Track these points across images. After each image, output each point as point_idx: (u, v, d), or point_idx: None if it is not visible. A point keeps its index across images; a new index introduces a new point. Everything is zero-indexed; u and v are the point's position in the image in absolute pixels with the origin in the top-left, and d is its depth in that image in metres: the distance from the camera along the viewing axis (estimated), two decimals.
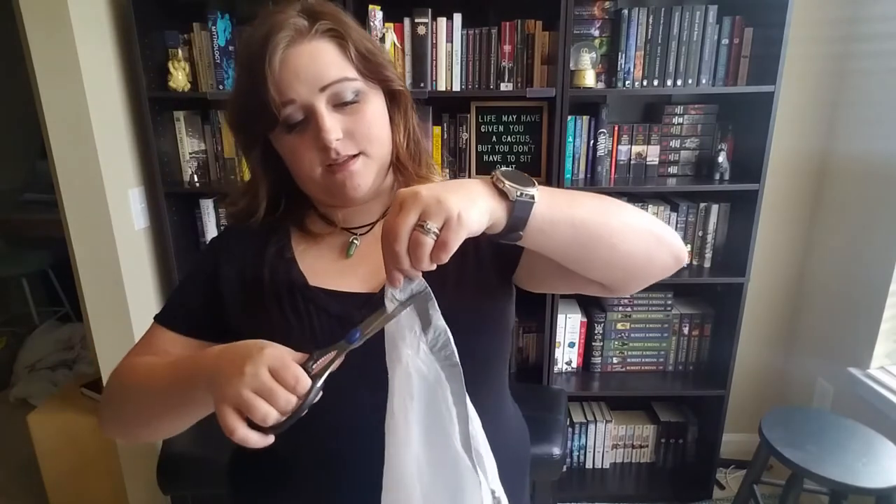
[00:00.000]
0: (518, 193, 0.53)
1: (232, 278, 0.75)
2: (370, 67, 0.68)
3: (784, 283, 2.11)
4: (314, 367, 0.52)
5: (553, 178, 1.74)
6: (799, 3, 1.63)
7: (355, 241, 0.75)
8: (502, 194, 0.53)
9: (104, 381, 1.75)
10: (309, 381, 0.50)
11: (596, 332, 1.99)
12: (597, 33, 1.75)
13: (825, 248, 2.00)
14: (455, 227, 0.49)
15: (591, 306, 2.04)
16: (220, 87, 1.72)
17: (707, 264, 1.91)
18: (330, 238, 0.77)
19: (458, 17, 1.67)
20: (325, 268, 0.74)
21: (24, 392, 2.72)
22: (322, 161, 0.67)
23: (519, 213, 0.53)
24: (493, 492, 0.56)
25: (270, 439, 0.51)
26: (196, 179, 1.79)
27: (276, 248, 0.75)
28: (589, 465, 2.17)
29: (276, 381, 0.50)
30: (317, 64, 0.64)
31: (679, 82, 1.73)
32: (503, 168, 0.55)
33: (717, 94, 1.82)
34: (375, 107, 0.70)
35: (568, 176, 1.83)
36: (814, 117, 1.93)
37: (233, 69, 1.72)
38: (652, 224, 0.63)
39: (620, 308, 1.99)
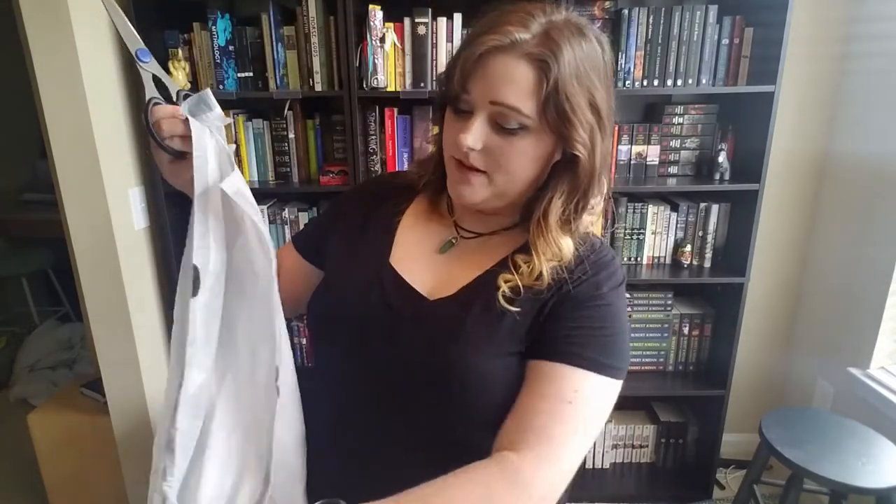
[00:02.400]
0: None
1: (351, 214, 0.83)
2: (557, 117, 0.64)
3: (784, 283, 2.11)
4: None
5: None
6: (799, 3, 1.63)
7: (453, 241, 0.77)
8: None
9: (105, 381, 1.75)
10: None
11: None
12: None
13: (825, 247, 2.00)
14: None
15: None
16: (221, 86, 1.72)
17: (707, 264, 1.91)
18: (440, 226, 0.80)
19: (458, 17, 1.67)
20: (413, 252, 0.77)
21: (24, 392, 2.72)
22: (456, 152, 0.69)
23: None
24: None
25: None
26: None
27: (394, 207, 0.81)
28: (589, 465, 2.17)
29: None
30: (504, 81, 0.63)
31: (679, 82, 1.73)
32: None
33: (717, 94, 1.83)
34: (531, 148, 0.66)
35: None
36: (814, 117, 1.93)
37: (233, 69, 1.72)
38: None
39: None
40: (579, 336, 0.67)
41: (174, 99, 0.67)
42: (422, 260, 0.77)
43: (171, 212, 1.77)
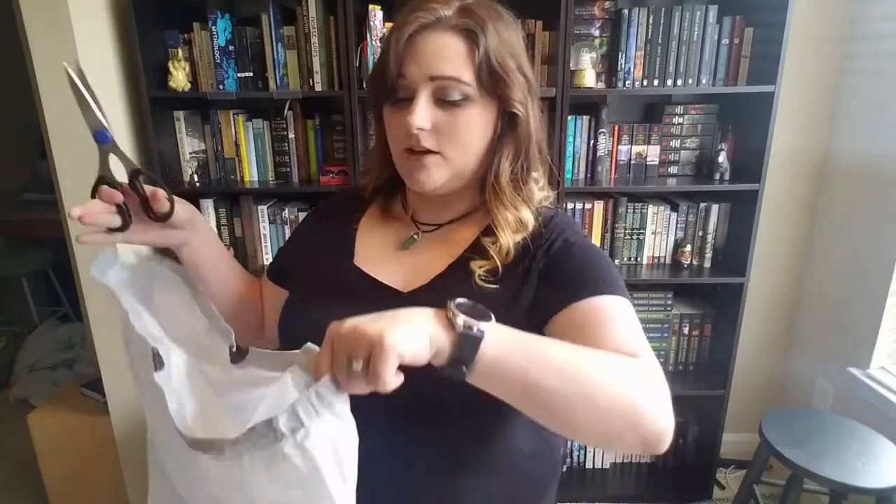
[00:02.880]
0: (465, 326, 0.49)
1: (309, 235, 0.86)
2: (493, 81, 0.67)
3: (784, 282, 2.11)
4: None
5: (553, 178, 1.73)
6: (799, 3, 1.63)
7: (415, 237, 0.78)
8: (451, 325, 0.50)
9: (105, 381, 1.75)
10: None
11: None
12: (597, 33, 1.75)
13: (825, 247, 2.00)
14: (380, 355, 0.46)
15: None
16: (221, 86, 1.72)
17: (707, 264, 1.91)
18: (398, 225, 0.80)
19: None
20: (376, 252, 0.78)
21: (24, 392, 2.72)
22: (405, 142, 0.69)
23: (464, 347, 0.49)
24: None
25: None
26: (196, 179, 1.79)
27: (348, 217, 0.82)
28: (589, 465, 2.17)
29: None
30: (437, 54, 0.65)
31: (679, 82, 1.73)
32: (461, 300, 0.52)
33: (717, 94, 1.82)
34: (476, 117, 0.68)
35: (568, 176, 1.83)
36: (814, 117, 1.93)
37: (233, 69, 1.72)
38: (631, 400, 0.52)
39: None
40: (577, 279, 0.67)
41: (128, 180, 0.67)
42: (387, 258, 0.77)
43: None
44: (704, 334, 2.01)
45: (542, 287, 0.69)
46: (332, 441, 0.47)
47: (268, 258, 1.90)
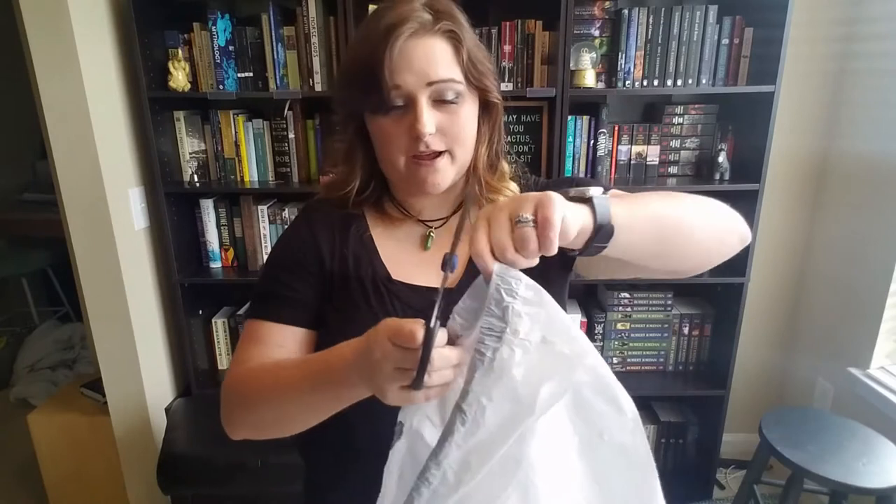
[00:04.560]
0: (590, 194, 0.54)
1: (322, 266, 0.76)
2: (475, 74, 0.71)
3: (784, 282, 2.11)
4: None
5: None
6: (799, 3, 1.63)
7: (432, 235, 0.79)
8: (576, 200, 0.53)
9: (105, 381, 1.76)
10: (421, 327, 0.49)
11: (596, 332, 1.99)
12: (597, 33, 1.75)
13: (825, 247, 2.00)
14: (548, 205, 0.48)
15: (591, 306, 2.04)
16: (220, 86, 1.72)
17: None
18: (407, 227, 0.80)
19: None
20: (405, 260, 0.77)
21: (24, 392, 2.72)
22: (410, 150, 0.70)
23: (601, 210, 0.53)
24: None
25: (432, 393, 0.51)
26: (196, 179, 1.79)
27: (358, 234, 0.78)
28: None
29: (398, 347, 0.49)
30: (430, 60, 0.67)
31: (679, 82, 1.73)
32: (568, 188, 0.56)
33: (717, 94, 1.82)
34: (469, 111, 0.72)
35: (568, 176, 1.83)
36: (814, 117, 1.93)
37: (233, 69, 1.72)
38: (717, 206, 0.65)
39: (620, 308, 1.98)
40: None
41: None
42: (417, 262, 0.77)
43: (171, 212, 1.78)
44: (704, 334, 2.01)
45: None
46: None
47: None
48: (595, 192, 0.54)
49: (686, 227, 0.62)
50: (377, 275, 0.75)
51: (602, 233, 0.54)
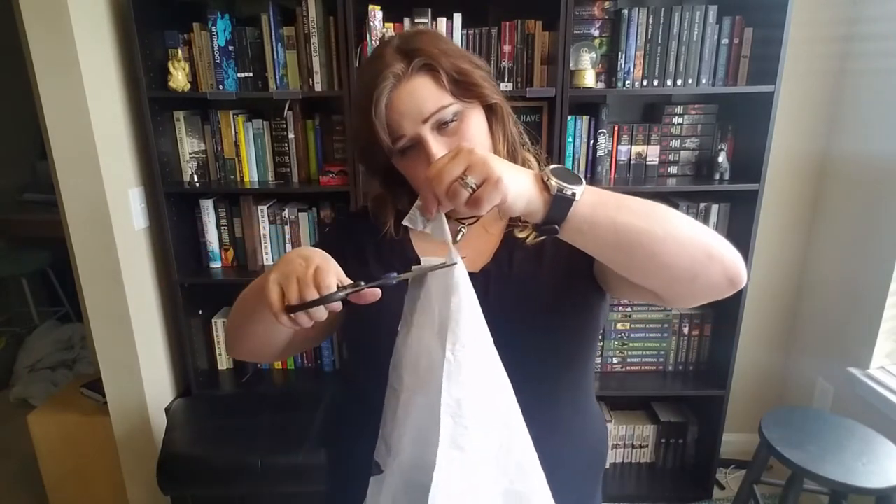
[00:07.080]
0: (559, 189, 0.56)
1: (355, 260, 0.82)
2: (463, 88, 0.73)
3: (784, 283, 2.11)
4: (347, 286, 0.60)
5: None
6: (799, 3, 1.63)
7: (463, 230, 0.82)
8: (546, 187, 0.57)
9: (105, 381, 1.76)
10: (333, 287, 0.59)
11: None
12: (597, 33, 1.75)
13: (825, 247, 2.00)
14: (491, 188, 0.54)
15: None
16: (220, 87, 1.72)
17: None
18: None
19: (458, 17, 1.67)
20: (434, 249, 0.80)
21: (24, 392, 2.72)
22: None
23: (556, 208, 0.57)
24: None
25: (289, 320, 0.59)
26: (196, 179, 1.79)
27: (392, 231, 0.83)
28: None
29: (312, 277, 0.58)
30: (416, 100, 0.71)
31: (679, 82, 1.73)
32: (556, 165, 0.59)
33: (717, 94, 1.82)
34: (474, 121, 0.74)
35: None
36: (814, 117, 1.93)
37: (233, 69, 1.72)
38: (705, 239, 0.62)
39: (620, 308, 1.99)
40: None
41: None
42: (446, 250, 0.79)
43: (170, 212, 1.78)
44: (704, 334, 2.01)
45: None
46: None
47: (267, 258, 1.90)
48: (574, 188, 0.57)
49: (651, 244, 0.60)
50: (408, 259, 0.80)
51: (550, 226, 0.58)
